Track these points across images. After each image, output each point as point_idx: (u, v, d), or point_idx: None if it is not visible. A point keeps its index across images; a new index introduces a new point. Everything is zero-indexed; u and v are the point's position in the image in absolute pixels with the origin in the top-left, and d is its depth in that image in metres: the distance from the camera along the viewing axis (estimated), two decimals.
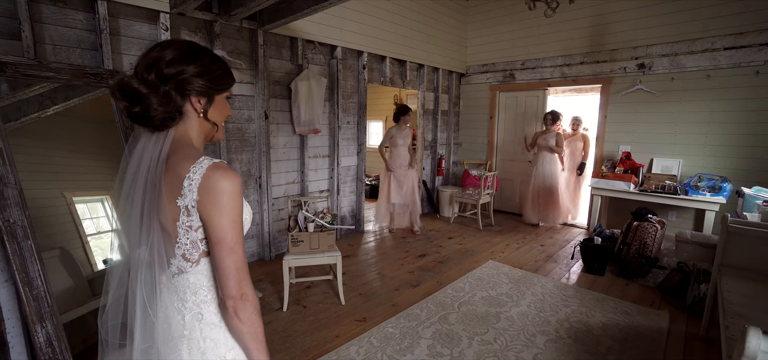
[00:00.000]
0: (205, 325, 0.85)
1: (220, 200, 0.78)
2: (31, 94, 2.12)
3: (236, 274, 0.79)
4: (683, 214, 4.33)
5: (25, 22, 2.25)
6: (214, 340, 0.85)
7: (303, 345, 2.37)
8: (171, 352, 0.85)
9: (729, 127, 4.00)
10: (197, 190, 0.78)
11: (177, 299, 0.85)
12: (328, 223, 2.90)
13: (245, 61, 3.45)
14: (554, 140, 4.85)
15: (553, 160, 4.94)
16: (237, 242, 0.80)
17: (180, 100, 0.83)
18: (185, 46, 0.84)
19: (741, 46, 3.82)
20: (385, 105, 7.83)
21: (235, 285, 0.79)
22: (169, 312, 0.85)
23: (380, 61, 4.81)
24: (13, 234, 1.65)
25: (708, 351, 2.38)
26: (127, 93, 0.79)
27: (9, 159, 1.71)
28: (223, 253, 0.78)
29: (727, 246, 2.33)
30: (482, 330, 2.55)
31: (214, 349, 0.85)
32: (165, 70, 0.80)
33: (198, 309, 0.85)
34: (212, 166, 0.79)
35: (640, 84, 4.41)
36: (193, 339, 0.84)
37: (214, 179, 0.78)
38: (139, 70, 0.80)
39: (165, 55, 0.80)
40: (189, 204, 0.79)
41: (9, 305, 1.71)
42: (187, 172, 0.79)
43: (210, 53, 0.88)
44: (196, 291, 0.84)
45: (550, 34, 5.11)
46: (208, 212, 0.78)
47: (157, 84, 0.79)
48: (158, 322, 0.84)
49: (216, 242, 0.79)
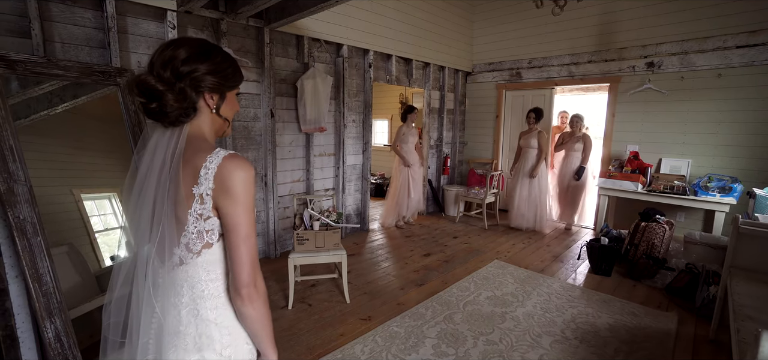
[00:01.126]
0: (201, 322, 0.86)
1: (235, 189, 0.80)
2: (41, 92, 2.14)
3: (250, 262, 0.82)
4: (692, 214, 4.27)
5: (35, 21, 2.27)
6: (210, 336, 0.86)
7: (308, 343, 2.37)
8: (168, 347, 0.86)
9: (740, 126, 3.93)
10: (213, 178, 0.80)
11: (174, 293, 0.86)
12: (334, 221, 2.90)
13: (251, 59, 3.45)
14: (536, 140, 4.64)
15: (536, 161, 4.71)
16: (251, 231, 0.82)
17: (195, 97, 0.85)
18: (199, 44, 0.86)
19: (754, 45, 3.75)
20: (391, 104, 7.81)
21: (250, 273, 0.82)
22: (166, 306, 0.87)
23: (386, 59, 4.80)
24: (23, 230, 1.67)
25: (717, 354, 2.34)
26: (144, 90, 0.81)
27: (19, 156, 1.73)
28: (238, 240, 0.81)
29: (738, 247, 2.30)
30: (487, 330, 2.54)
31: (210, 346, 0.86)
32: (180, 68, 0.82)
33: (194, 304, 0.86)
34: (228, 157, 0.82)
35: (648, 83, 4.36)
36: (189, 335, 0.86)
37: (229, 168, 0.81)
38: (155, 68, 0.82)
39: (179, 54, 0.82)
40: (204, 192, 0.81)
41: (19, 301, 1.73)
42: (204, 162, 0.81)
43: (222, 51, 0.90)
44: (193, 285, 0.85)
45: (557, 32, 5.06)
46: (223, 200, 0.81)
47: (173, 81, 0.82)
48: (156, 317, 0.86)
49: (230, 229, 0.81)
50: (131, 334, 0.88)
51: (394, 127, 7.41)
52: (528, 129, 4.80)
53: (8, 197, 1.66)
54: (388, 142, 8.03)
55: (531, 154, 4.72)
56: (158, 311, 0.87)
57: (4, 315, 1.72)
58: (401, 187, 4.87)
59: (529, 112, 4.71)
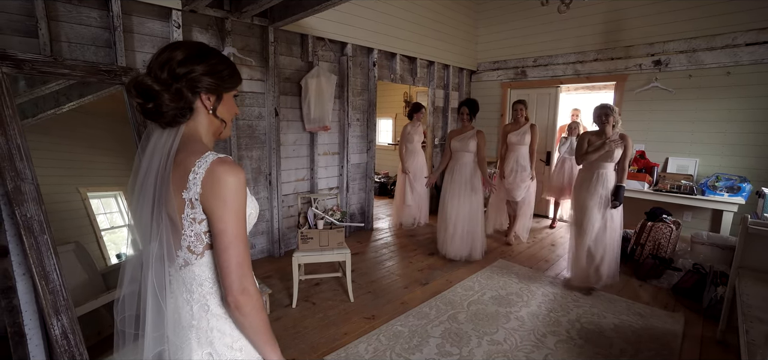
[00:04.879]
0: (212, 316, 0.87)
1: (223, 193, 0.80)
2: (48, 91, 2.15)
3: (237, 268, 0.80)
4: (699, 214, 4.23)
5: (42, 21, 2.30)
6: (221, 330, 0.88)
7: (312, 342, 2.38)
8: (181, 341, 0.88)
9: (749, 125, 3.88)
10: (201, 183, 0.80)
11: (185, 290, 0.88)
12: (338, 220, 2.90)
13: (256, 58, 3.46)
14: (474, 142, 3.68)
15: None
16: (238, 236, 0.81)
17: (191, 97, 0.87)
18: (196, 46, 0.88)
19: (764, 42, 3.69)
20: (395, 102, 7.79)
21: (236, 279, 0.80)
22: (178, 303, 0.88)
23: (390, 58, 4.79)
24: (30, 229, 1.68)
25: (725, 356, 2.32)
26: (141, 90, 0.83)
27: (26, 155, 1.74)
28: (223, 245, 0.80)
29: (747, 248, 2.27)
30: (492, 329, 2.53)
31: (221, 339, 0.87)
32: (177, 69, 0.84)
33: (204, 300, 0.87)
34: (216, 161, 0.82)
35: (655, 81, 4.31)
36: (201, 329, 0.87)
37: (217, 173, 0.80)
38: (152, 69, 0.84)
39: (176, 55, 0.84)
40: (193, 197, 0.81)
41: (26, 298, 1.75)
42: (193, 166, 0.81)
43: (218, 54, 0.92)
44: (201, 283, 0.87)
45: (563, 30, 5.01)
46: (211, 205, 0.81)
47: (169, 82, 0.83)
48: (168, 312, 0.87)
49: (217, 234, 0.81)
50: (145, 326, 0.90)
51: (399, 126, 7.41)
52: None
53: (16, 196, 1.67)
54: (392, 141, 8.03)
55: (467, 160, 3.70)
56: (170, 308, 0.88)
57: (12, 312, 1.74)
58: (397, 195, 4.85)
59: (461, 106, 3.71)
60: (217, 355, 0.87)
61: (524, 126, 4.19)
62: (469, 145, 3.65)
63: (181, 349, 0.88)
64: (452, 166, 3.77)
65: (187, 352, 0.87)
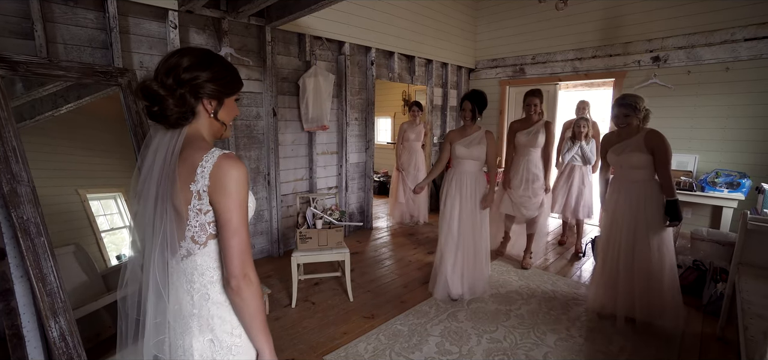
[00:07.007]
0: (213, 304, 0.93)
1: (229, 186, 0.87)
2: (45, 93, 2.15)
3: (240, 254, 0.87)
4: (699, 211, 4.22)
5: (38, 22, 2.29)
6: (222, 317, 0.93)
7: (311, 341, 2.37)
8: (182, 328, 0.94)
9: (749, 121, 3.87)
10: (209, 176, 0.87)
11: (185, 281, 0.93)
12: (337, 219, 2.90)
13: (253, 58, 3.45)
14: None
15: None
16: (241, 225, 0.88)
17: (194, 102, 0.92)
18: (202, 53, 0.93)
19: (763, 37, 3.68)
20: (394, 101, 7.79)
21: (239, 265, 0.87)
22: (179, 293, 0.94)
23: (388, 56, 4.78)
24: (26, 231, 1.68)
25: (725, 352, 2.31)
26: (147, 94, 0.89)
27: (22, 157, 1.74)
28: (229, 233, 0.87)
29: (747, 244, 2.27)
30: (491, 328, 2.52)
31: (222, 326, 0.93)
32: (182, 75, 0.89)
33: (205, 290, 0.93)
34: (223, 156, 0.88)
35: (654, 78, 4.30)
36: (202, 316, 0.92)
37: (224, 167, 0.87)
38: (159, 74, 0.90)
39: (183, 62, 0.89)
40: (201, 188, 0.87)
41: (24, 300, 1.75)
42: (201, 160, 0.88)
43: (222, 61, 0.97)
44: (203, 272, 0.92)
45: (561, 27, 5.00)
46: (217, 196, 0.87)
47: (174, 87, 0.89)
48: (170, 302, 0.94)
49: (223, 224, 0.88)
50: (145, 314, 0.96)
51: (398, 125, 7.39)
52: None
53: (12, 198, 1.67)
54: (391, 140, 8.02)
55: (474, 169, 2.87)
56: (173, 297, 0.93)
57: (9, 314, 1.74)
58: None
59: (464, 100, 2.91)
60: (217, 341, 0.93)
61: (537, 124, 3.31)
62: (476, 151, 2.82)
63: (182, 336, 0.93)
64: (454, 177, 2.88)
65: (188, 339, 0.92)
